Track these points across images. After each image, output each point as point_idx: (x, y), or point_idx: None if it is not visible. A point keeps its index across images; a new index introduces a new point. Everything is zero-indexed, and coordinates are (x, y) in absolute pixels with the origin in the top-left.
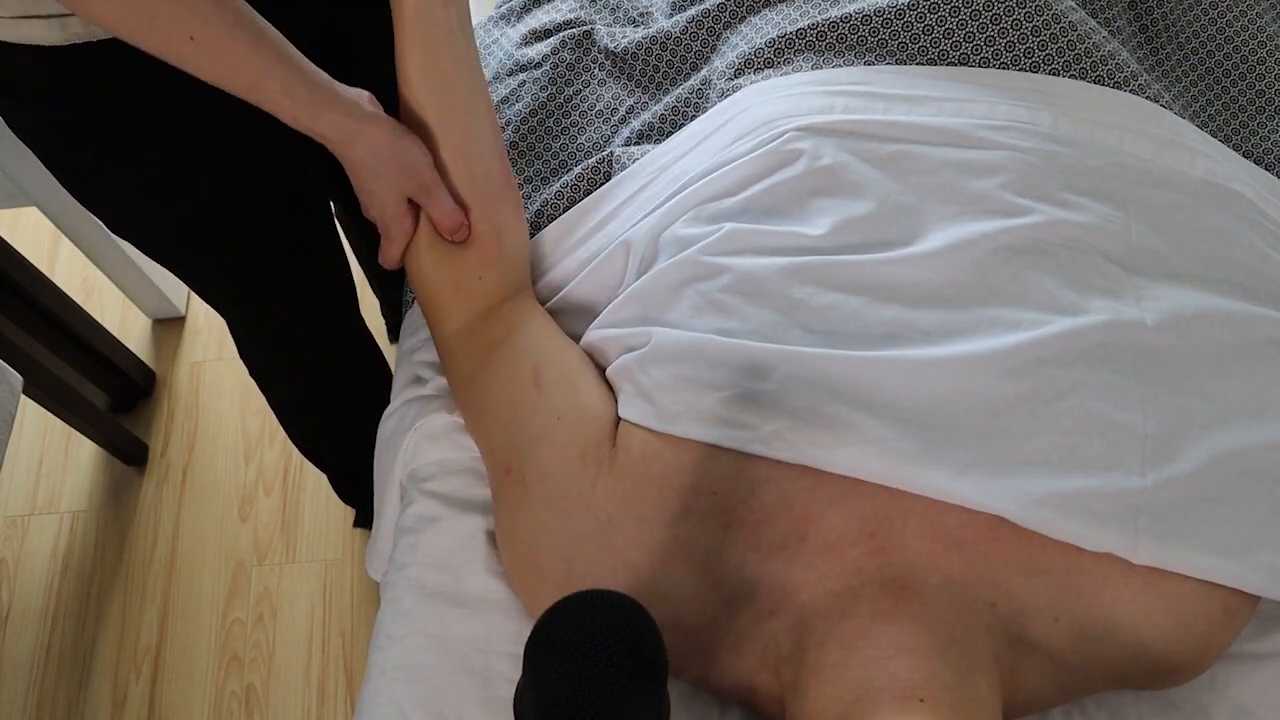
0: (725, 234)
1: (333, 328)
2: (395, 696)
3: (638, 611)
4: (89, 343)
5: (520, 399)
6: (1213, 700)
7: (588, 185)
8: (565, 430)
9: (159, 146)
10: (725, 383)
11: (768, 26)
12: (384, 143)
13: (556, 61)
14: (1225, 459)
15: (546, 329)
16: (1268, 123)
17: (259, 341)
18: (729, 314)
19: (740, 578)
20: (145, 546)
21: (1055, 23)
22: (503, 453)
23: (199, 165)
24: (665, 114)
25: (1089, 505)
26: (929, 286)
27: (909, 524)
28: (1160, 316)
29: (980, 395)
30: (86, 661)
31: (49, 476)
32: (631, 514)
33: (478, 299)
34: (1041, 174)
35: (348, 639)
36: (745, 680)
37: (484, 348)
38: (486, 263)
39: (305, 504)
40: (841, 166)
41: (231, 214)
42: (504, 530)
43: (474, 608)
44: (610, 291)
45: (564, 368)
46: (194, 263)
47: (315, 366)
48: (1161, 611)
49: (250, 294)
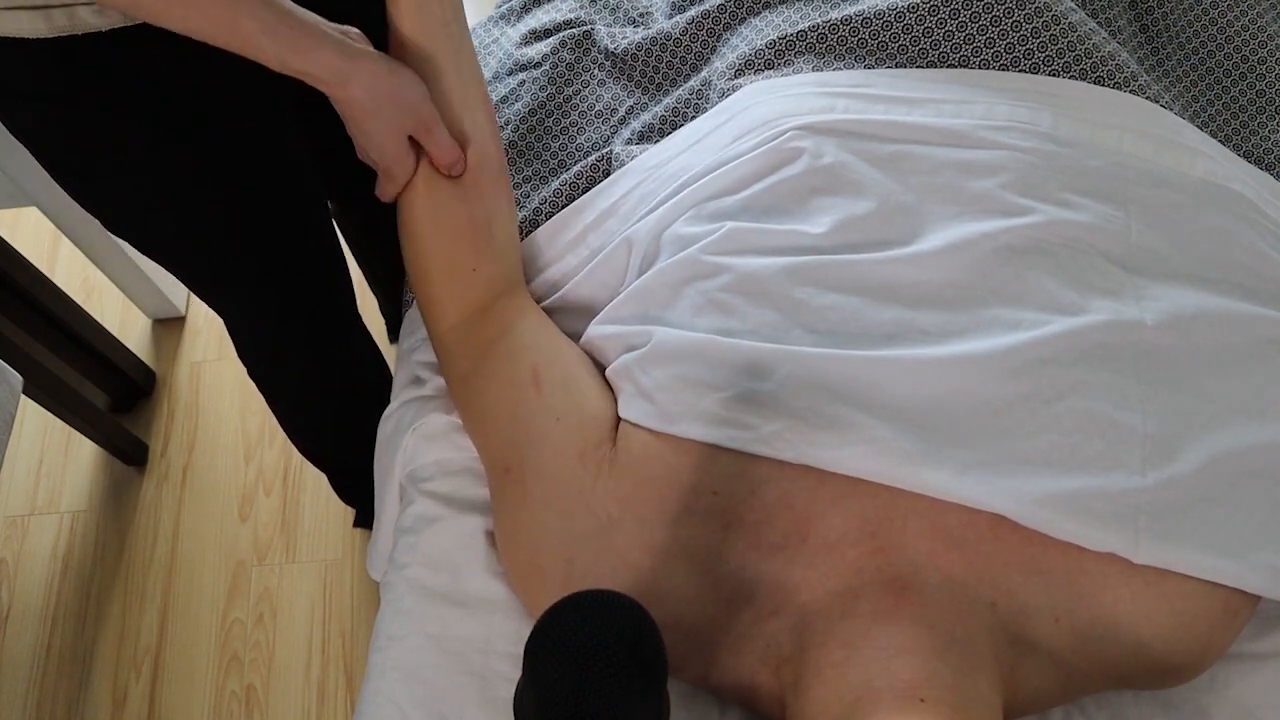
0: (726, 233)
1: (331, 327)
2: (395, 696)
3: (638, 611)
4: (89, 343)
5: (519, 399)
6: (1213, 700)
7: (586, 183)
8: (565, 431)
9: (154, 145)
10: (726, 383)
11: (768, 28)
12: (381, 79)
13: (556, 61)
14: (1225, 459)
15: (543, 328)
16: (1268, 123)
17: (258, 342)
18: (730, 313)
19: (741, 578)
20: (145, 546)
21: (1055, 24)
22: (501, 452)
23: (195, 164)
24: (665, 115)
25: (1090, 505)
26: (929, 286)
27: (909, 524)
28: (1160, 316)
29: (981, 395)
30: (86, 661)
31: (49, 476)
32: (632, 514)
33: (472, 293)
34: (1042, 174)
35: (348, 639)
36: (746, 680)
37: (480, 346)
38: (480, 253)
39: (305, 504)
40: (842, 166)
41: (229, 212)
42: (503, 530)
43: (474, 608)
44: (611, 290)
45: (563, 368)
46: (192, 262)
47: (314, 367)
48: (1162, 611)
49: (248, 293)
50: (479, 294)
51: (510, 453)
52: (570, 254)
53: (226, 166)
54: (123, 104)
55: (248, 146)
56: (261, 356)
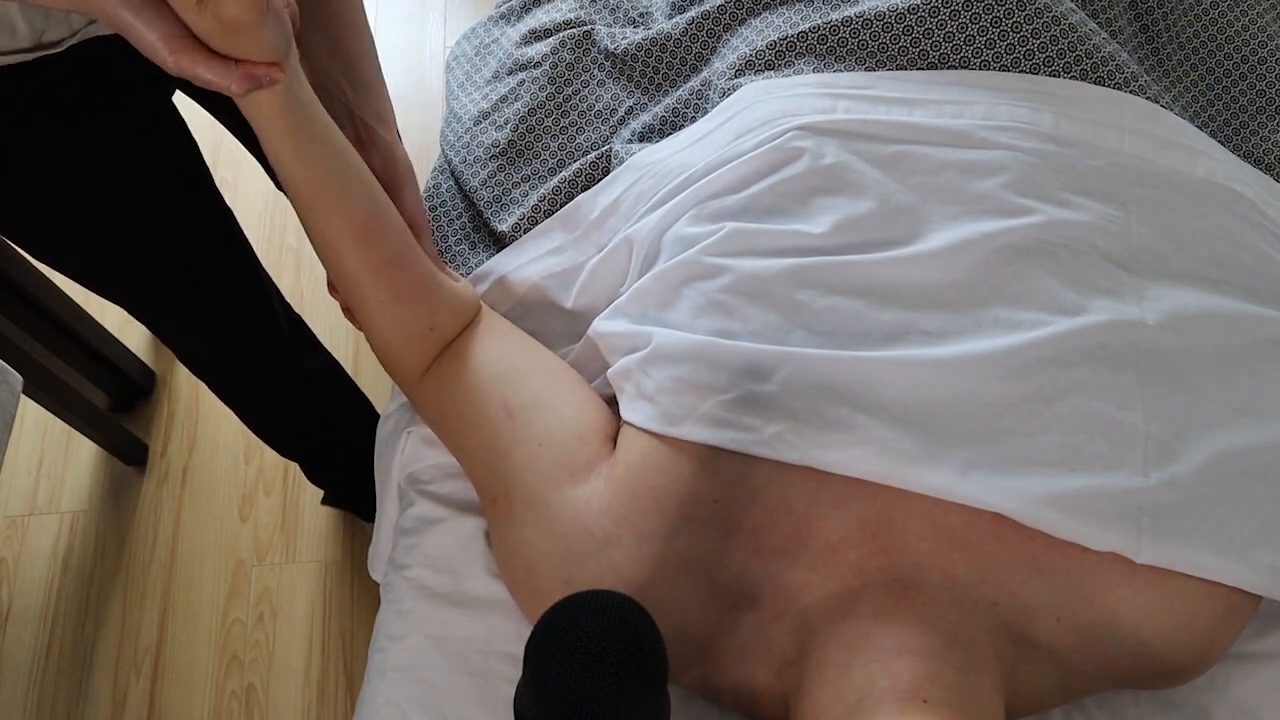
0: (726, 234)
1: (269, 349)
2: (395, 697)
3: (638, 611)
4: (89, 343)
5: (495, 434)
6: (1213, 700)
7: (586, 180)
8: (550, 455)
9: (39, 156)
10: (727, 385)
11: (768, 29)
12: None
13: (556, 61)
14: (1227, 459)
15: (506, 351)
16: (1268, 123)
17: (190, 358)
18: (731, 315)
19: (742, 583)
20: (145, 546)
21: (1056, 24)
22: (488, 484)
23: (80, 173)
24: (665, 115)
25: (1092, 505)
26: (931, 287)
27: (910, 525)
28: (1161, 316)
29: (982, 395)
30: (86, 661)
31: (49, 476)
32: (631, 529)
33: (434, 345)
34: (1043, 174)
35: (348, 639)
36: (748, 683)
37: (444, 387)
38: (433, 309)
39: (305, 504)
40: (844, 166)
41: (110, 212)
42: (499, 556)
43: (474, 608)
44: (612, 290)
45: (535, 391)
46: (92, 275)
47: (258, 384)
48: (1163, 611)
49: (146, 304)
50: (440, 343)
51: (496, 483)
52: (572, 250)
53: (92, 168)
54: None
55: (133, 152)
56: (198, 370)
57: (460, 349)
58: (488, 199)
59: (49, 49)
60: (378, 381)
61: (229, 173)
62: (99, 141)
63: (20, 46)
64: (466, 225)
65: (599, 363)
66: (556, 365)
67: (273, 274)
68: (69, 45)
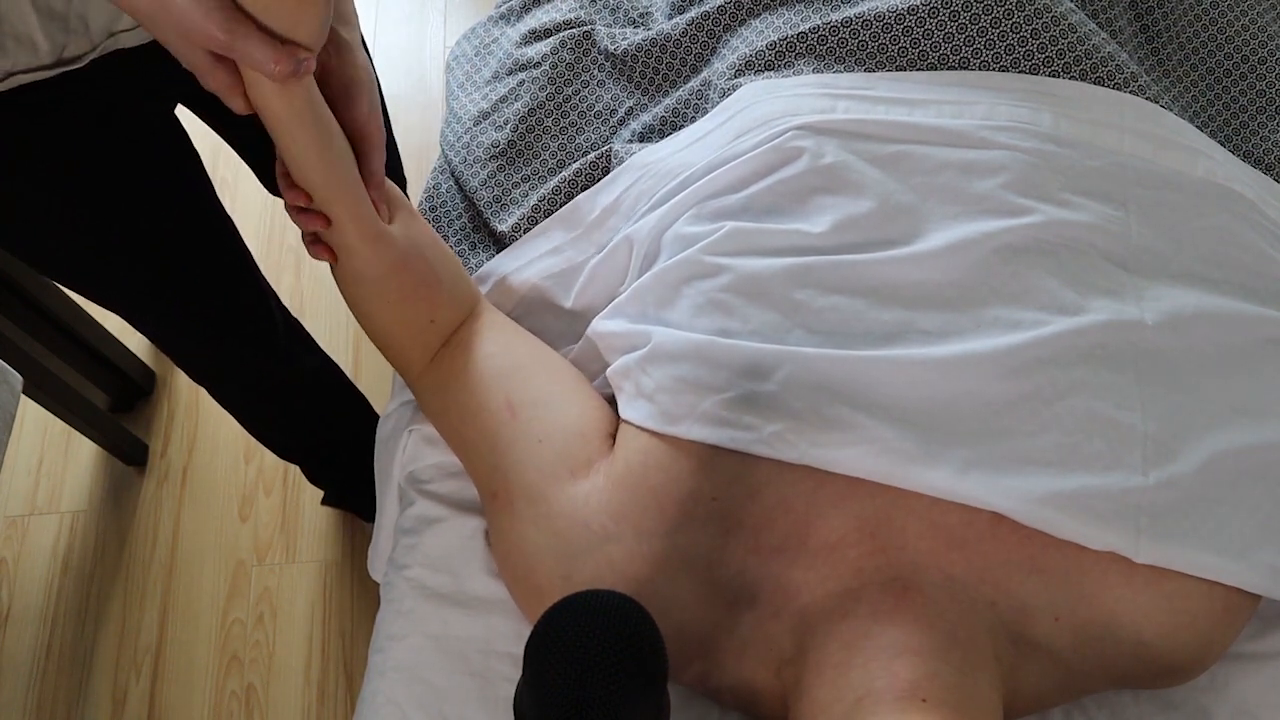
0: (726, 233)
1: (266, 349)
2: (395, 696)
3: (638, 611)
4: (89, 343)
5: (496, 429)
6: (1213, 700)
7: (585, 181)
8: (550, 452)
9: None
10: (726, 384)
11: (768, 30)
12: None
13: (556, 61)
14: (1226, 458)
15: (508, 346)
16: (1268, 123)
17: (187, 362)
18: (730, 314)
19: (741, 582)
20: (145, 546)
21: (1055, 25)
22: (488, 479)
23: (80, 183)
24: (665, 115)
25: (1091, 504)
26: (930, 286)
27: (909, 524)
28: (1160, 316)
29: (981, 395)
30: (86, 661)
31: (49, 476)
32: (630, 527)
33: (435, 339)
34: (1042, 174)
35: (348, 639)
36: (747, 682)
37: (446, 381)
38: (434, 304)
39: (305, 504)
40: (843, 166)
41: (111, 212)
42: (499, 553)
43: (474, 608)
44: (612, 289)
45: (537, 388)
46: (89, 281)
47: (256, 385)
48: (1162, 610)
49: (144, 308)
50: (441, 335)
51: (496, 479)
52: (571, 250)
53: (114, 177)
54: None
55: (136, 158)
56: (197, 375)
57: (464, 344)
58: (488, 199)
59: (70, 64)
60: (378, 382)
61: (229, 173)
62: (103, 147)
63: (42, 64)
64: (466, 225)
65: (599, 362)
66: (558, 363)
67: (272, 275)
68: (89, 60)
